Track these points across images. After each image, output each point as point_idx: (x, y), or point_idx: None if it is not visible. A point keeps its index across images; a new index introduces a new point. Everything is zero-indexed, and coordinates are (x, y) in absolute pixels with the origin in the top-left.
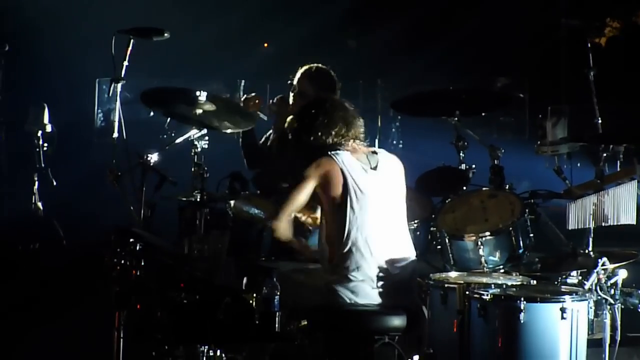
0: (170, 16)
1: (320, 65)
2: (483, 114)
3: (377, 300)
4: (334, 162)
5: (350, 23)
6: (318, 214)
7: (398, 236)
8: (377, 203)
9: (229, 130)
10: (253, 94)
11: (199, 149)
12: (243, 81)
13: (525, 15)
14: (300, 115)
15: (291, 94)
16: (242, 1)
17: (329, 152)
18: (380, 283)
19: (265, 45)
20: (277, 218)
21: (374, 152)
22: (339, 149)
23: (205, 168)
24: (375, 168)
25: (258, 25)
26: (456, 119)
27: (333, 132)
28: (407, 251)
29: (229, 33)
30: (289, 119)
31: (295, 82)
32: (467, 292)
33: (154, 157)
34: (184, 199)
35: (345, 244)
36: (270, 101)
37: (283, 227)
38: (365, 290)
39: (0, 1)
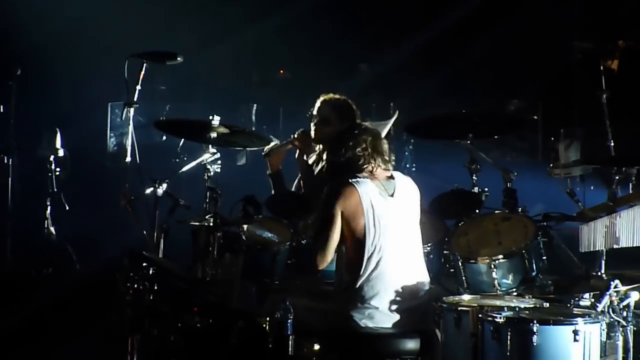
0: (184, 40)
1: (338, 95)
2: (496, 137)
3: (391, 325)
4: (355, 191)
5: (363, 47)
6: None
7: (414, 262)
8: (395, 230)
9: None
10: (276, 144)
11: (212, 173)
12: (255, 105)
13: (539, 38)
14: (332, 139)
15: (312, 125)
16: (254, 25)
17: (350, 180)
18: (395, 308)
19: (282, 72)
20: (324, 256)
21: (391, 177)
22: (359, 176)
23: (219, 191)
24: (392, 195)
25: (271, 49)
26: (469, 141)
27: (358, 150)
28: (422, 277)
29: (242, 57)
30: (317, 148)
31: (315, 111)
32: (480, 315)
33: (166, 183)
34: (197, 223)
35: (364, 272)
36: (292, 136)
37: (328, 262)
38: (381, 316)
39: (13, 25)
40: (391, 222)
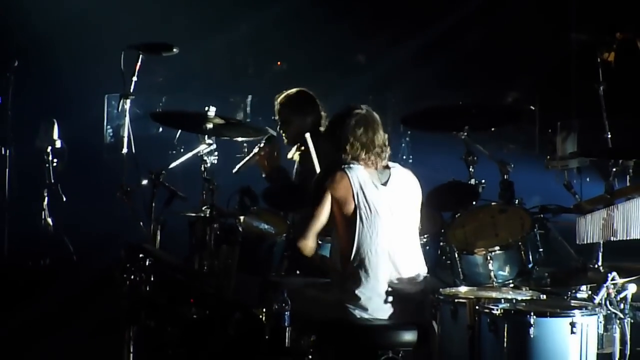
0: (180, 32)
1: (293, 90)
2: (493, 129)
3: (387, 316)
4: (346, 178)
5: (360, 38)
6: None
7: (409, 252)
8: (387, 219)
9: (240, 139)
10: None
11: (209, 164)
12: (250, 96)
13: (536, 30)
14: (329, 129)
15: (278, 128)
16: (250, 17)
17: (343, 167)
18: (390, 299)
19: (279, 63)
20: (305, 237)
21: (387, 167)
22: (353, 163)
23: (215, 183)
24: (385, 184)
25: (267, 40)
26: (466, 133)
27: (354, 145)
28: (418, 267)
29: (239, 49)
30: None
31: (277, 115)
32: (477, 307)
33: (162, 175)
34: (194, 214)
35: (354, 260)
36: (255, 151)
37: (310, 246)
38: (374, 306)
39: (10, 18)
40: (383, 211)
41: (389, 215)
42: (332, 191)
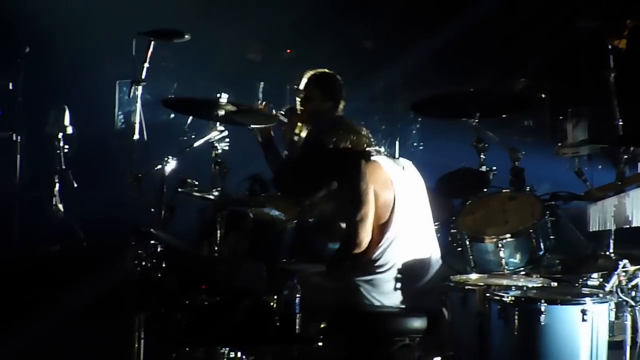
0: (191, 18)
1: (326, 70)
2: (503, 116)
3: (398, 301)
4: (379, 165)
5: (368, 24)
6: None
7: (426, 237)
8: (411, 204)
9: (252, 126)
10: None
11: (220, 151)
12: (262, 83)
13: (546, 16)
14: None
15: (297, 100)
16: (261, 5)
17: (370, 156)
18: (404, 286)
19: (288, 51)
20: (366, 237)
21: (393, 157)
22: (371, 152)
23: (226, 170)
24: (404, 169)
25: (278, 28)
26: (476, 120)
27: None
28: (434, 253)
29: (250, 36)
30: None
31: (301, 87)
32: (487, 294)
33: (173, 161)
34: (204, 199)
35: (383, 243)
36: (278, 113)
37: (368, 239)
38: (388, 289)
39: (20, 4)
40: (408, 196)
41: (412, 200)
42: (374, 184)
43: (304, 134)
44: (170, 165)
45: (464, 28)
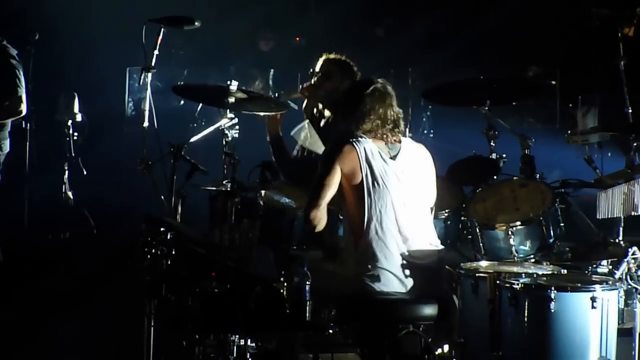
0: (201, 5)
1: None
2: (514, 103)
3: (404, 289)
4: (354, 151)
5: (381, 12)
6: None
7: (419, 226)
8: (396, 193)
9: (262, 113)
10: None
11: (230, 138)
12: (272, 70)
13: (556, 4)
14: (343, 100)
15: (314, 80)
16: None
17: (351, 140)
18: (407, 272)
19: (297, 39)
20: (316, 205)
21: (398, 141)
22: (361, 137)
23: (237, 157)
24: (394, 157)
25: (288, 14)
26: (487, 108)
27: (367, 119)
28: (430, 240)
29: (260, 22)
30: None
31: (318, 67)
32: (497, 282)
33: (185, 147)
34: (215, 188)
35: (366, 234)
36: (300, 87)
37: (320, 217)
38: (390, 279)
39: None
40: (392, 184)
41: (398, 189)
42: (341, 164)
43: (327, 114)
44: (181, 152)
45: (476, 16)
